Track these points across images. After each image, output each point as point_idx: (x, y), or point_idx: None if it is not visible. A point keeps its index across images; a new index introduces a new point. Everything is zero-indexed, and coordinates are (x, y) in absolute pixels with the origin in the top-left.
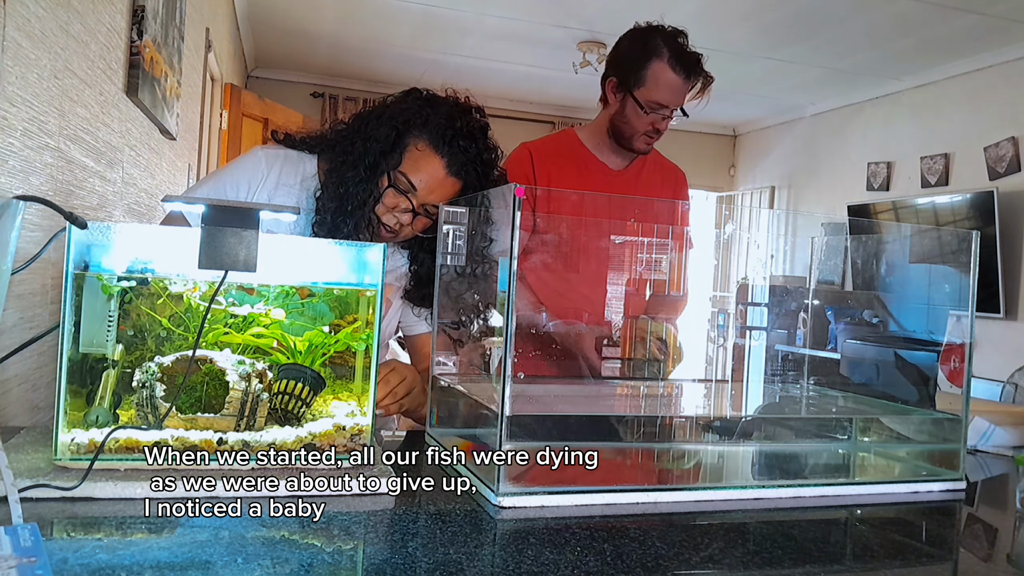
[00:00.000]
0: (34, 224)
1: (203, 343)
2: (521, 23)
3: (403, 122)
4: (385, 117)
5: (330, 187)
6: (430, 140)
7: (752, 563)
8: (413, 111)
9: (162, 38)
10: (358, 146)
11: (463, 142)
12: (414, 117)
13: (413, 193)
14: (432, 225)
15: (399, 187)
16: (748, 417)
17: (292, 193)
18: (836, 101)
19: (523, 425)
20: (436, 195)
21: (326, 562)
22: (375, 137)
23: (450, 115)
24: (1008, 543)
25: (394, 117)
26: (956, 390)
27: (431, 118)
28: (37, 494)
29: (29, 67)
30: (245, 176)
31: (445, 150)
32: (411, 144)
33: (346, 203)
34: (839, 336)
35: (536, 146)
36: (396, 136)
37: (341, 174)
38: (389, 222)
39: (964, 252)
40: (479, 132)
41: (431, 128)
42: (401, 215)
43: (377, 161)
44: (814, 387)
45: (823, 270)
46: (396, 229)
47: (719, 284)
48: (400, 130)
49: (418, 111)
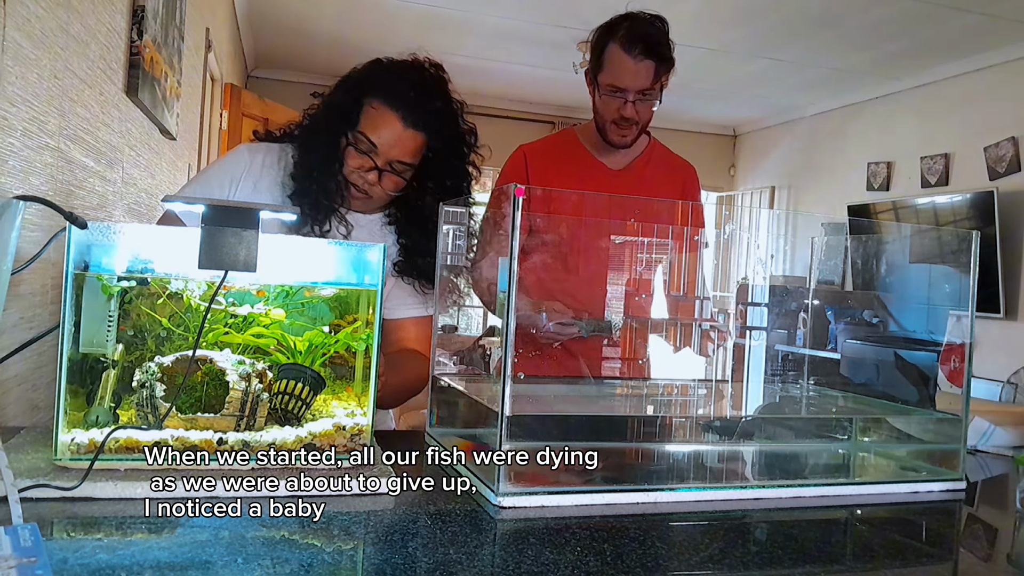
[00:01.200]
0: (34, 224)
1: (203, 343)
2: (521, 23)
3: (358, 85)
4: (341, 86)
5: (299, 159)
6: (383, 98)
7: (752, 563)
8: (367, 74)
9: (162, 38)
10: (320, 116)
11: (414, 94)
12: (367, 78)
13: (374, 151)
14: (405, 184)
15: (359, 147)
16: (748, 417)
17: (276, 177)
18: (836, 101)
19: (523, 425)
20: (398, 150)
21: (326, 562)
22: (334, 104)
23: (401, 72)
24: (1008, 543)
25: (349, 84)
26: (956, 390)
27: (384, 77)
28: (37, 494)
29: (29, 67)
30: (228, 170)
31: (398, 104)
32: (366, 104)
33: (312, 169)
34: (839, 336)
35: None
36: (352, 100)
37: (307, 144)
38: (357, 182)
39: (964, 252)
40: (432, 83)
41: (383, 86)
42: (367, 174)
43: (337, 126)
44: (814, 387)
45: (823, 270)
46: (365, 188)
47: (719, 284)
48: (356, 93)
49: (376, 74)
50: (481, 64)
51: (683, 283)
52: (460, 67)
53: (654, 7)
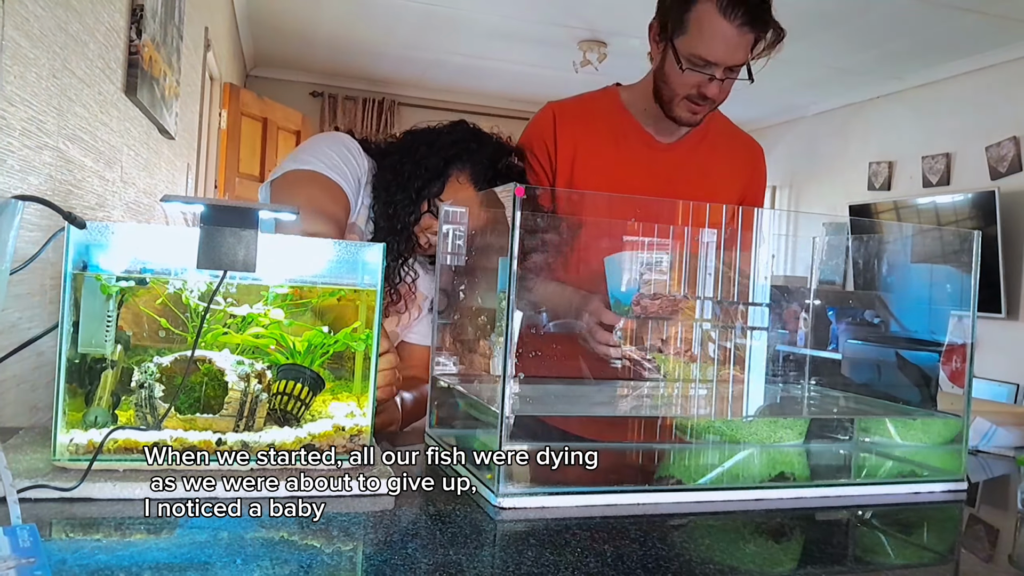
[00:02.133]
0: (33, 224)
1: (202, 343)
2: (521, 22)
3: (451, 155)
4: (435, 147)
5: (381, 203)
6: (471, 175)
7: (753, 564)
8: (461, 146)
9: (161, 37)
10: (408, 169)
11: (500, 182)
12: (461, 152)
13: None
14: None
15: (436, 213)
16: (750, 418)
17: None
18: (837, 100)
19: (523, 425)
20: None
21: (325, 563)
22: (424, 164)
23: (493, 156)
24: (1009, 544)
25: (443, 149)
26: (958, 390)
27: (476, 155)
28: (36, 495)
29: (28, 66)
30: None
31: (483, 187)
32: (454, 175)
33: (394, 221)
34: (840, 336)
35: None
36: (443, 165)
37: (391, 193)
38: (422, 240)
39: (966, 252)
40: (516, 176)
41: (474, 164)
42: (433, 236)
43: (423, 186)
44: (815, 387)
45: (824, 270)
46: (427, 247)
47: (720, 284)
48: (447, 161)
49: (465, 146)
50: (481, 63)
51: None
52: (460, 67)
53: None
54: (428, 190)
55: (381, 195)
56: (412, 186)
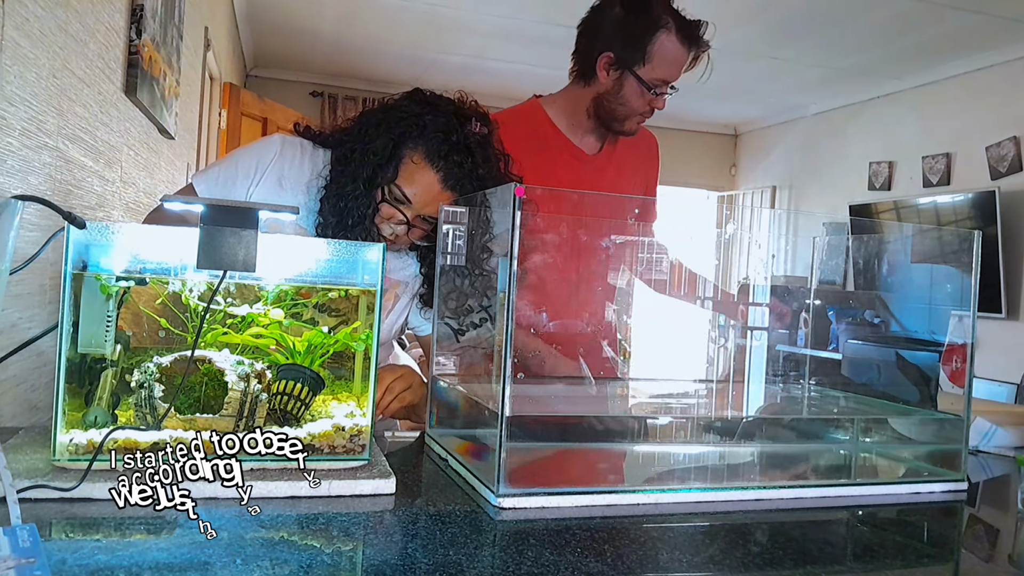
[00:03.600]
0: (32, 224)
1: (202, 343)
2: (521, 22)
3: (400, 134)
4: (384, 126)
5: (331, 198)
6: (425, 154)
7: (753, 564)
8: (411, 120)
9: (161, 37)
10: (357, 156)
11: (458, 156)
12: (411, 128)
13: (408, 206)
14: (431, 232)
15: (394, 199)
16: (749, 418)
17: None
18: (837, 100)
19: (523, 425)
20: (432, 208)
21: (325, 563)
22: (373, 149)
23: (447, 127)
24: (1009, 544)
25: (392, 127)
26: (958, 390)
27: (428, 129)
28: (36, 495)
29: (27, 66)
30: (256, 156)
31: (440, 164)
32: (407, 157)
33: (346, 216)
34: (840, 336)
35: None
36: (393, 148)
37: (341, 186)
38: (385, 232)
39: (966, 252)
40: (476, 145)
41: (427, 140)
42: (396, 226)
43: (374, 174)
44: (815, 387)
45: (824, 270)
46: (392, 239)
47: (720, 284)
48: (396, 142)
49: (416, 120)
50: (481, 63)
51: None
52: (460, 67)
53: None
54: (381, 176)
55: (332, 188)
56: (362, 175)
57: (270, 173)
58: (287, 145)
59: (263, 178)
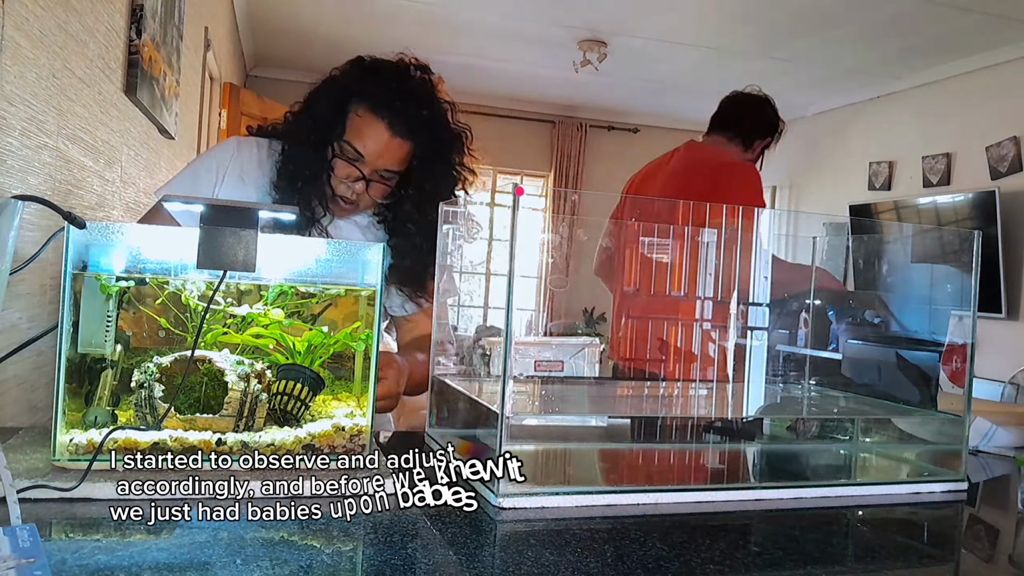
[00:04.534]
0: (32, 224)
1: (202, 343)
2: (521, 22)
3: (342, 91)
4: (326, 90)
5: (282, 167)
6: (369, 105)
7: (753, 564)
8: (353, 79)
9: (161, 37)
10: (305, 123)
11: (400, 101)
12: (353, 84)
13: (361, 161)
14: (391, 191)
15: (346, 156)
16: (749, 418)
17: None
18: (837, 101)
19: (523, 425)
20: (385, 159)
21: (325, 563)
22: (319, 112)
23: (386, 78)
24: (1010, 544)
25: (334, 89)
26: (958, 390)
27: (369, 84)
28: (36, 495)
29: (27, 66)
30: (215, 159)
31: (385, 112)
32: (352, 112)
33: (297, 179)
34: (841, 336)
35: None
36: (337, 107)
37: (292, 152)
38: (344, 193)
39: (966, 252)
40: (419, 90)
41: (368, 93)
42: (354, 184)
43: (323, 135)
44: (815, 387)
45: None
46: (353, 199)
47: (720, 284)
48: (340, 100)
49: (357, 79)
50: (481, 64)
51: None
52: (460, 67)
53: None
54: (330, 135)
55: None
56: (310, 138)
57: (231, 171)
58: (243, 144)
59: (225, 177)
